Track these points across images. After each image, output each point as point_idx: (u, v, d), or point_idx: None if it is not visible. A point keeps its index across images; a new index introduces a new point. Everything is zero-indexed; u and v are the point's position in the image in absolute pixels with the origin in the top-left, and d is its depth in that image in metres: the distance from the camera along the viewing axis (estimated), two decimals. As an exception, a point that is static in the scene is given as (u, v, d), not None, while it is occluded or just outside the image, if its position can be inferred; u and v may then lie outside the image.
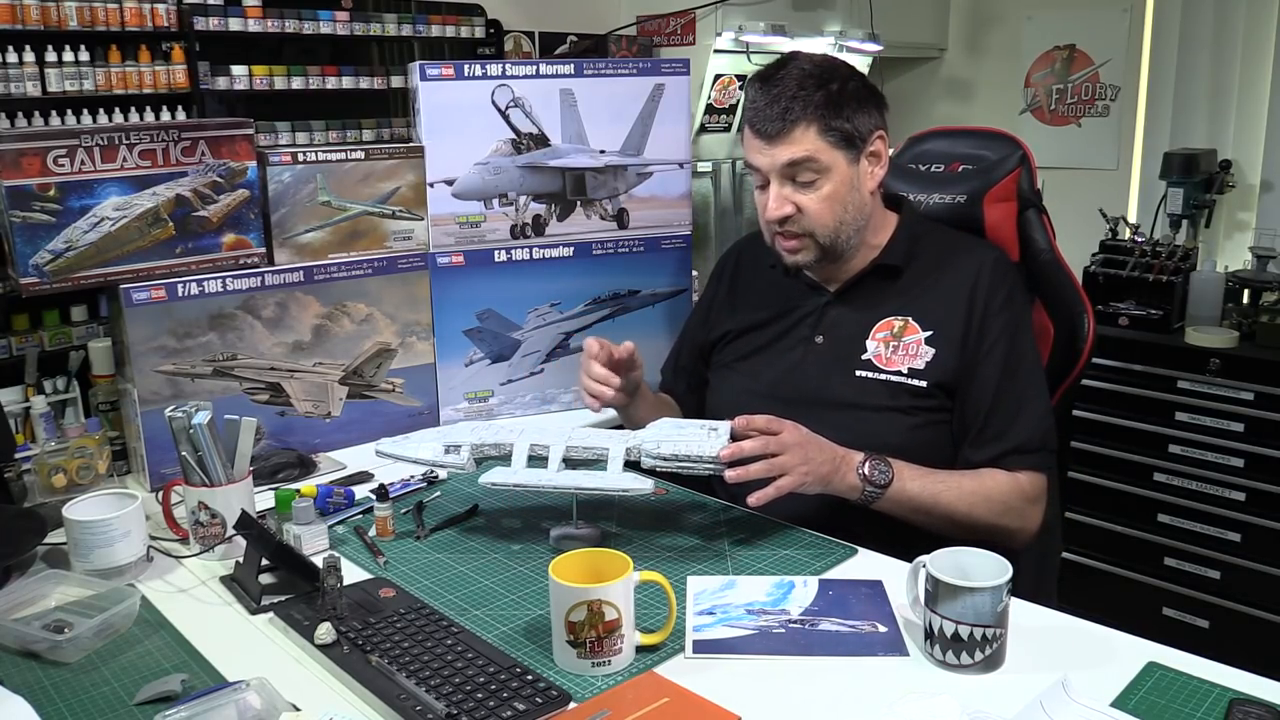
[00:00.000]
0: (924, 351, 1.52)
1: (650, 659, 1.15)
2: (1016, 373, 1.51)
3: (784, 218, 1.52)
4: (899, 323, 1.55)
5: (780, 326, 1.64)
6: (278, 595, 1.30)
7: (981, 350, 1.51)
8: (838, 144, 1.49)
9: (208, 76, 2.09)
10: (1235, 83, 3.14)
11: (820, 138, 1.48)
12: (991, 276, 1.54)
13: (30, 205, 1.59)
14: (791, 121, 1.47)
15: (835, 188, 1.51)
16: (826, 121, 1.47)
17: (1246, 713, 1.01)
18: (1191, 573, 2.75)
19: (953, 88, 3.81)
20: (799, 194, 1.51)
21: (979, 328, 1.52)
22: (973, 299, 1.52)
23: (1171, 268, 2.79)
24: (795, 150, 1.48)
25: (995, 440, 1.49)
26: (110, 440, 1.72)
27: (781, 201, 1.51)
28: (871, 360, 1.54)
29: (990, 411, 1.50)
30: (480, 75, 1.94)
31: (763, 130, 1.49)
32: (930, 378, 1.51)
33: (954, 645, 1.10)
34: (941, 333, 1.53)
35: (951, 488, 1.45)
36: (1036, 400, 1.52)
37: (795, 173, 1.50)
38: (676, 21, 2.86)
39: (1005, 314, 1.53)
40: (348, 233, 1.88)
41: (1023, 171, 1.69)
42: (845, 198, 1.52)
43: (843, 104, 1.48)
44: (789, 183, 1.51)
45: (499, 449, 1.47)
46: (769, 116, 1.48)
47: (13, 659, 1.19)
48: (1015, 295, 1.56)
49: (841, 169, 1.50)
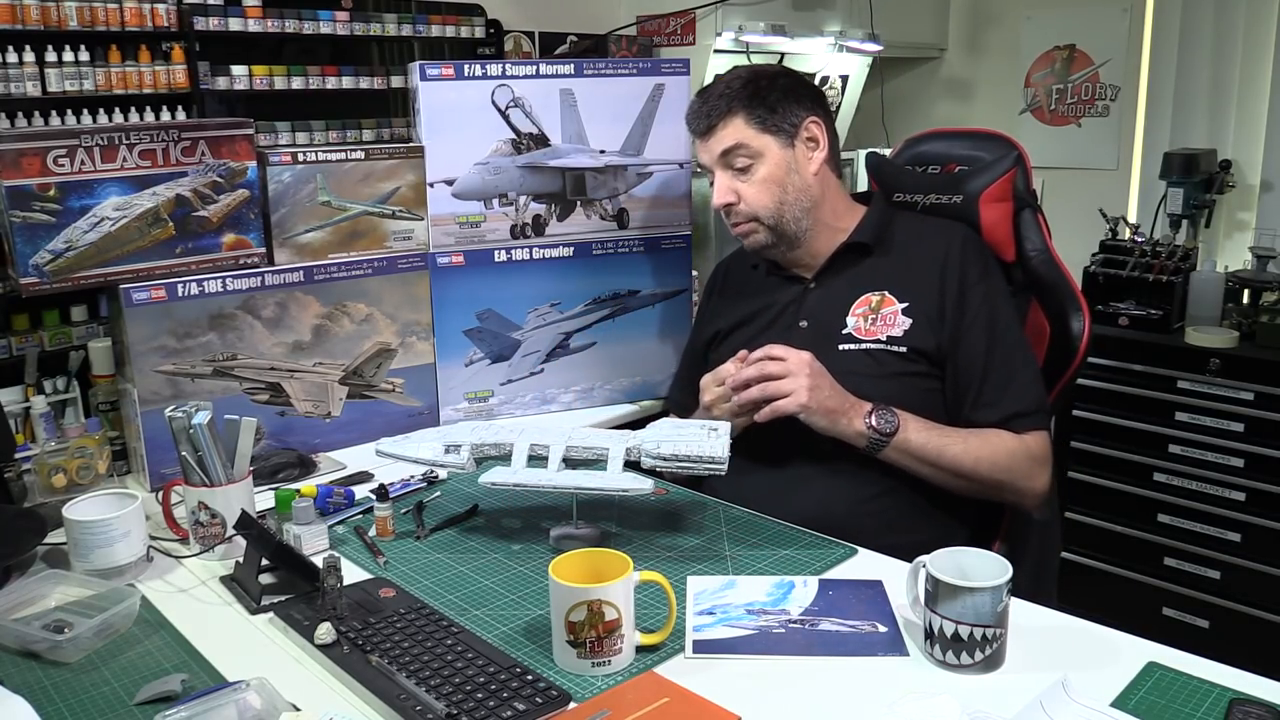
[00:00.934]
0: (901, 321, 1.58)
1: (650, 659, 1.15)
2: (1003, 339, 1.56)
3: (727, 205, 1.64)
4: (876, 297, 1.61)
5: (766, 318, 1.70)
6: (278, 595, 1.30)
7: (965, 321, 1.56)
8: (765, 129, 1.62)
9: (208, 76, 2.09)
10: (1235, 83, 3.13)
11: (747, 125, 1.61)
12: (963, 250, 1.61)
13: (30, 205, 1.59)
14: (718, 115, 1.62)
15: (771, 171, 1.62)
16: (750, 110, 1.61)
17: (1246, 713, 1.01)
18: (1191, 573, 2.74)
19: (952, 88, 3.81)
20: (737, 181, 1.64)
21: (957, 300, 1.57)
22: (945, 272, 1.59)
23: (1171, 268, 2.79)
24: (725, 140, 1.62)
25: (991, 406, 1.54)
26: (110, 440, 1.72)
27: (724, 191, 1.64)
28: (852, 333, 1.60)
29: (983, 379, 1.55)
30: (480, 75, 1.94)
31: (696, 129, 1.66)
32: (909, 344, 1.56)
33: (954, 645, 1.10)
34: (918, 305, 1.58)
35: (957, 442, 1.50)
36: (1026, 364, 1.58)
37: (732, 160, 1.63)
38: (676, 21, 2.86)
39: (983, 284, 1.59)
40: (348, 233, 1.88)
41: (1018, 172, 1.70)
42: (783, 180, 1.62)
43: (766, 95, 1.62)
44: (729, 171, 1.64)
45: (499, 449, 1.47)
46: (700, 115, 1.65)
47: (13, 659, 1.19)
48: (990, 267, 1.63)
49: (774, 153, 1.62)
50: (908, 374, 1.56)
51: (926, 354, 1.56)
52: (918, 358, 1.56)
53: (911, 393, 1.55)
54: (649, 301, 2.12)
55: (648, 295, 2.12)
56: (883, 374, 1.56)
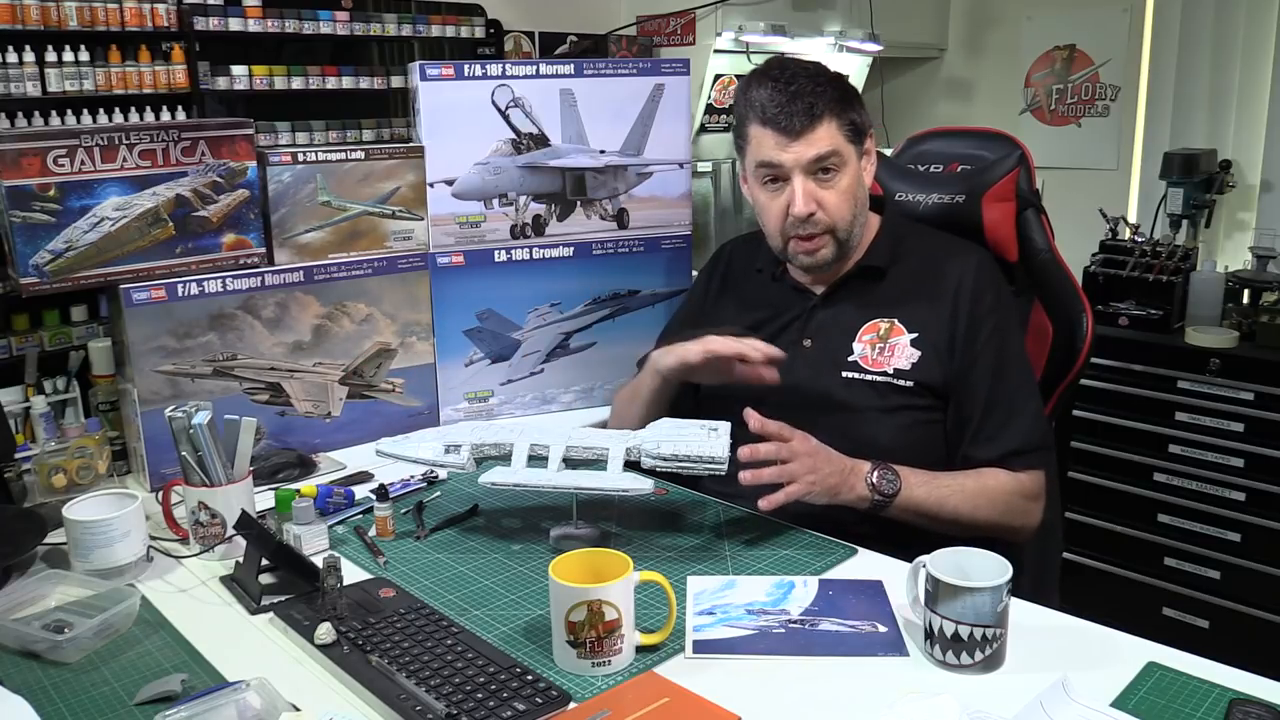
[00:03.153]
0: (910, 353, 1.53)
1: (650, 659, 1.15)
2: (1009, 374, 1.52)
3: (810, 214, 1.51)
4: (885, 325, 1.56)
5: (769, 330, 1.63)
6: (278, 595, 1.30)
7: (972, 354, 1.52)
8: (852, 138, 1.53)
9: (208, 76, 2.09)
10: (1235, 83, 3.13)
11: (839, 131, 1.51)
12: (976, 280, 1.55)
13: (30, 205, 1.59)
14: (817, 116, 1.48)
15: (850, 181, 1.53)
16: (845, 115, 1.51)
17: (1246, 713, 1.01)
18: (1191, 573, 2.74)
19: (953, 88, 3.81)
20: (821, 189, 1.52)
21: (966, 332, 1.52)
22: (957, 303, 1.54)
23: (1171, 268, 2.79)
24: (822, 145, 1.49)
25: (992, 442, 1.50)
26: (110, 440, 1.72)
27: (808, 198, 1.51)
28: (858, 361, 1.55)
29: (985, 414, 1.51)
30: (480, 75, 1.94)
31: (788, 127, 1.49)
32: (916, 378, 1.52)
33: (954, 645, 1.10)
34: (927, 336, 1.53)
35: (956, 491, 1.46)
36: (1029, 400, 1.53)
37: (819, 167, 1.51)
38: (676, 21, 2.86)
39: (993, 317, 1.54)
40: (348, 233, 1.88)
41: (1021, 171, 1.70)
42: (856, 192, 1.55)
43: (852, 98, 1.53)
44: (811, 178, 1.51)
45: (499, 449, 1.47)
46: (794, 112, 1.48)
47: (13, 659, 1.19)
48: (1002, 297, 1.57)
49: (853, 163, 1.54)
50: (910, 407, 1.52)
51: (932, 388, 1.52)
52: (923, 392, 1.52)
53: (913, 427, 1.52)
54: (649, 301, 2.12)
55: (648, 295, 2.12)
56: (885, 407, 1.52)
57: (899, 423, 1.52)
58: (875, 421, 1.52)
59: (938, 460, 1.53)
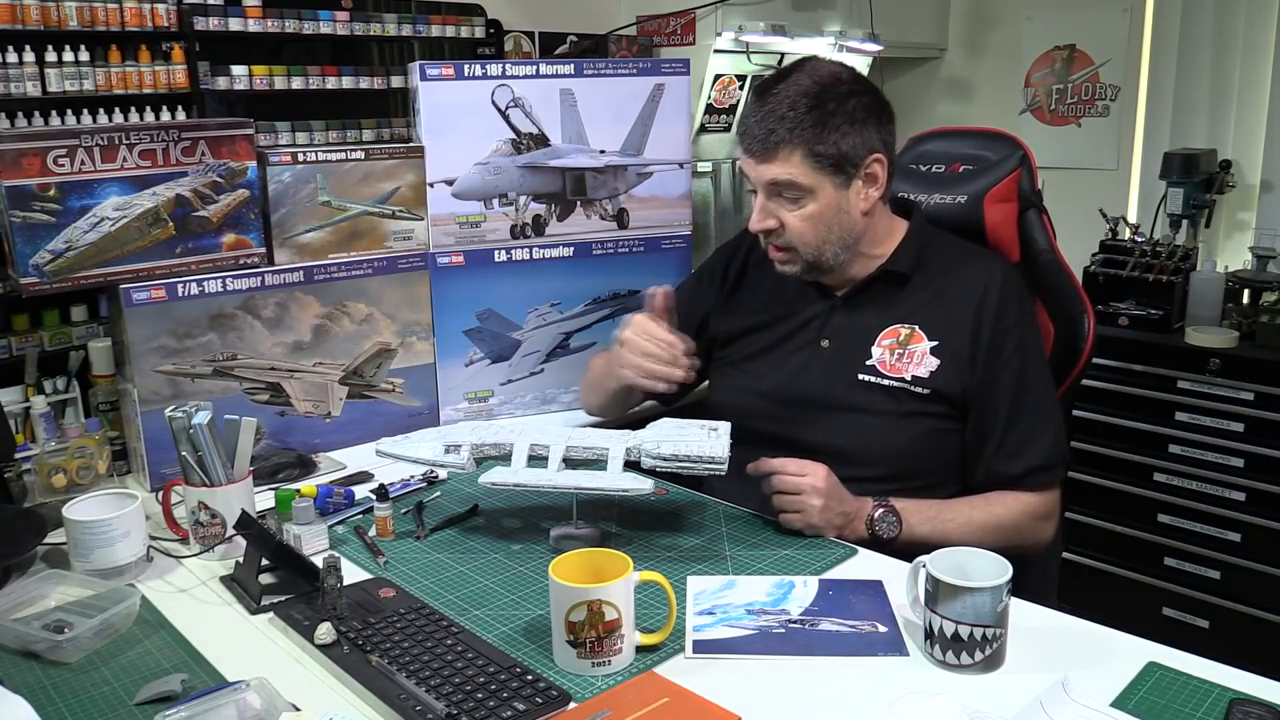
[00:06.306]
0: (929, 361, 1.52)
1: (650, 659, 1.15)
2: (1032, 390, 1.52)
3: (767, 230, 1.54)
4: (905, 330, 1.55)
5: (786, 328, 1.63)
6: (278, 595, 1.30)
7: (996, 368, 1.51)
8: (823, 169, 1.48)
9: (208, 76, 2.09)
10: (1235, 83, 3.13)
11: (804, 161, 1.47)
12: (1001, 293, 1.53)
13: (30, 205, 1.59)
14: (775, 144, 1.47)
15: (819, 209, 1.50)
16: (811, 146, 1.46)
17: (1246, 713, 1.01)
18: (1191, 573, 2.74)
19: (953, 88, 3.81)
20: (782, 209, 1.52)
21: (990, 345, 1.51)
22: (981, 315, 1.52)
23: (1171, 268, 2.79)
24: (778, 172, 1.48)
25: (1016, 457, 1.50)
26: (110, 440, 1.72)
27: (764, 215, 1.53)
28: (875, 366, 1.54)
29: (1008, 428, 1.50)
30: (480, 75, 1.94)
31: (748, 148, 1.51)
32: (933, 386, 1.51)
33: (954, 645, 1.10)
34: (947, 345, 1.52)
35: (960, 524, 1.46)
36: (1051, 417, 1.53)
37: (779, 190, 1.50)
38: (676, 21, 2.86)
39: (1018, 331, 1.52)
40: (348, 233, 1.88)
41: (1023, 172, 1.70)
42: (830, 219, 1.51)
43: (833, 127, 1.46)
44: (774, 197, 1.52)
45: (499, 449, 1.47)
46: (755, 135, 1.48)
47: (13, 659, 1.19)
48: (1026, 311, 1.56)
49: (827, 192, 1.49)
50: (925, 415, 1.52)
51: (950, 398, 1.51)
52: (939, 400, 1.51)
53: (927, 434, 1.52)
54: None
55: (648, 295, 2.11)
56: (899, 413, 1.52)
57: (913, 429, 1.52)
58: (889, 426, 1.52)
59: (952, 466, 1.54)
